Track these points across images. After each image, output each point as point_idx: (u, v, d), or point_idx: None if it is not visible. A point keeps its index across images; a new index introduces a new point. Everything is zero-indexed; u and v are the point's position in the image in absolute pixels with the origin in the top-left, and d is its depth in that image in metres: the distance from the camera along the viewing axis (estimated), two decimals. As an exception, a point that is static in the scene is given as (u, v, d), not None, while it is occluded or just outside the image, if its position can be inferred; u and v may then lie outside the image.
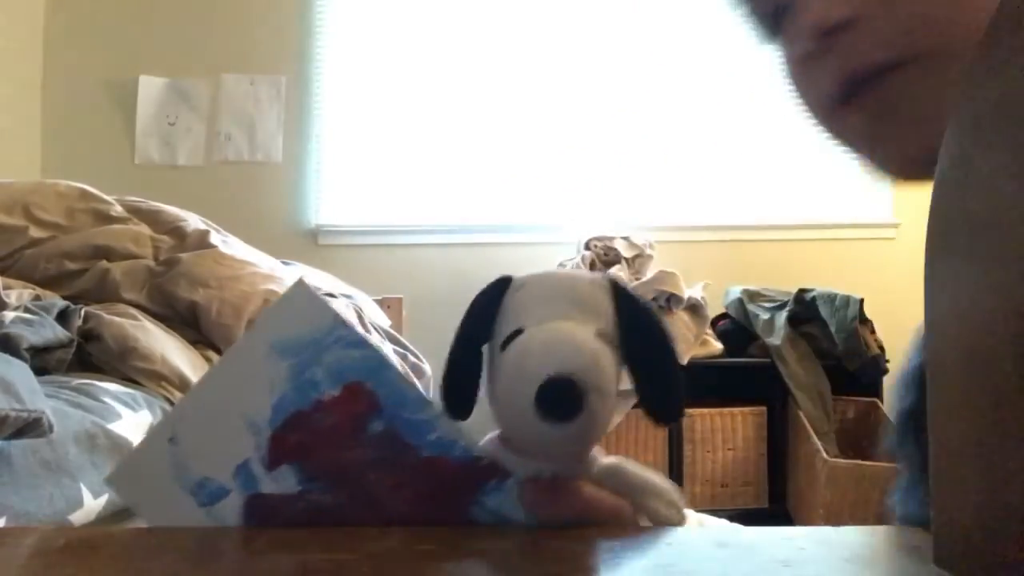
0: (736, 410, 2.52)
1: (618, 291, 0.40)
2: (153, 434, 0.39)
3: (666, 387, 0.39)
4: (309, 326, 0.37)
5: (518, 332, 0.38)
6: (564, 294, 0.39)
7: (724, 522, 0.54)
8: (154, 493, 0.38)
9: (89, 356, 0.96)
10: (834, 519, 2.12)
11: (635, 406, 0.40)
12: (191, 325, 1.13)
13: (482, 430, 0.40)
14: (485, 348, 0.40)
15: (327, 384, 0.37)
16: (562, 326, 0.37)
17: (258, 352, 0.37)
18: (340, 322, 0.38)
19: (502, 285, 0.41)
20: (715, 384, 2.54)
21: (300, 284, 0.38)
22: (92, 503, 0.71)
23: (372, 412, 0.37)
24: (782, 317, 2.59)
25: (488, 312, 0.40)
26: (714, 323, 2.73)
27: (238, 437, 0.37)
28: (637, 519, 0.39)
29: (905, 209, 3.21)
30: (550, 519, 0.37)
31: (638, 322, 0.39)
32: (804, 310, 2.61)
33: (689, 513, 0.41)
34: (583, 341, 0.36)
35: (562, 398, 0.34)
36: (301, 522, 0.37)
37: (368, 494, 0.38)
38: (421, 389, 0.37)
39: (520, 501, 0.37)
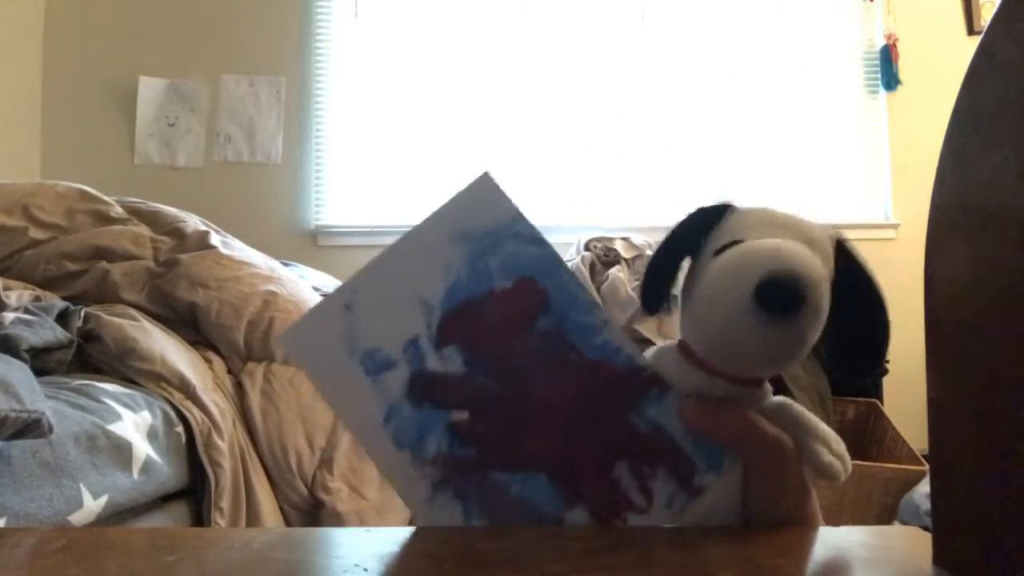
0: (736, 410, 2.51)
1: (844, 245, 0.39)
2: (329, 300, 0.39)
3: (871, 343, 0.38)
4: (490, 217, 0.38)
5: (736, 242, 0.37)
6: (792, 226, 0.38)
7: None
8: (324, 356, 0.38)
9: (89, 357, 0.96)
10: (834, 519, 2.12)
11: (827, 354, 0.39)
12: (191, 326, 1.13)
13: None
14: (687, 262, 0.40)
15: (501, 276, 0.38)
16: (790, 242, 0.36)
17: (438, 235, 0.38)
18: (521, 217, 0.38)
19: (722, 209, 0.41)
20: (715, 384, 2.54)
21: (486, 176, 0.39)
22: (92, 503, 0.71)
23: (541, 309, 0.38)
24: (782, 317, 2.58)
25: (701, 225, 0.40)
26: (714, 324, 2.73)
27: (410, 313, 0.38)
28: (799, 459, 0.38)
29: (905, 209, 3.22)
30: (710, 435, 0.37)
31: (857, 278, 0.38)
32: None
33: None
34: (812, 256, 0.35)
35: (787, 290, 0.33)
36: (462, 403, 0.37)
37: (530, 388, 0.38)
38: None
39: (683, 413, 0.37)
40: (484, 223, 0.39)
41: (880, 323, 0.38)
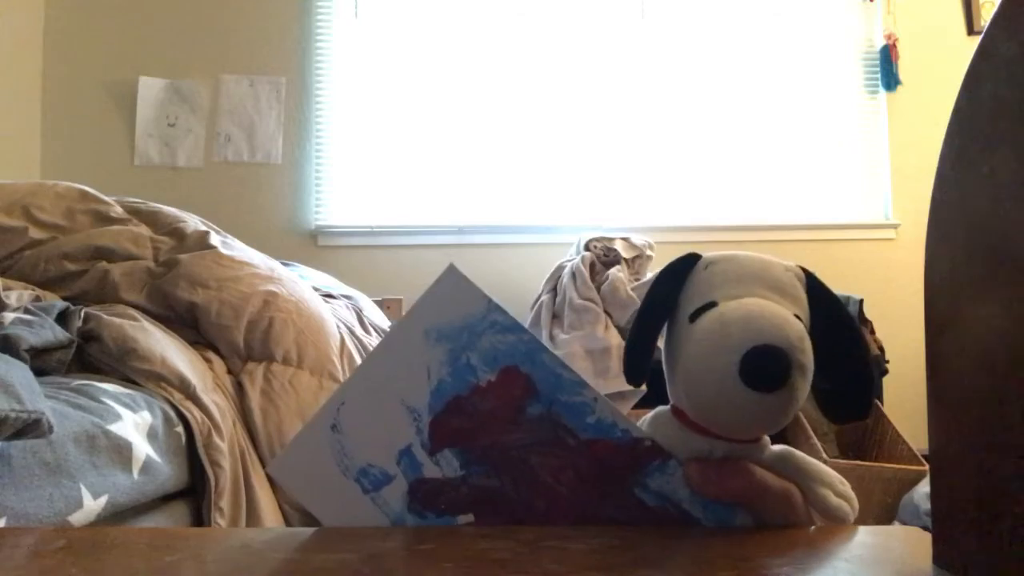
0: (736, 411, 2.51)
1: (812, 281, 0.39)
2: (314, 423, 0.39)
3: (859, 382, 0.38)
4: (463, 311, 0.38)
5: (710, 305, 0.37)
6: (759, 275, 0.38)
7: None
8: (318, 481, 0.38)
9: (89, 357, 0.96)
10: (834, 519, 2.12)
11: (817, 400, 0.39)
12: (191, 326, 1.13)
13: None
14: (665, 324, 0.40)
15: (483, 369, 0.38)
16: (760, 301, 0.36)
17: (414, 338, 0.38)
18: (494, 307, 0.38)
19: (690, 260, 0.40)
20: (715, 385, 2.54)
21: (452, 270, 0.39)
22: (92, 504, 0.71)
23: (529, 396, 0.37)
24: (782, 317, 2.58)
25: (673, 286, 0.39)
26: (714, 324, 2.73)
27: (399, 423, 0.38)
28: (807, 506, 0.38)
29: (905, 209, 3.22)
30: (718, 498, 0.37)
31: (831, 315, 0.38)
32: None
33: None
34: (787, 317, 0.35)
35: (771, 366, 0.33)
36: (465, 506, 0.37)
37: (531, 477, 0.38)
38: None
39: (687, 479, 0.37)
40: (458, 318, 0.38)
41: (861, 355, 0.38)
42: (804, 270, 0.39)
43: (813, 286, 0.39)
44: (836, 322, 0.38)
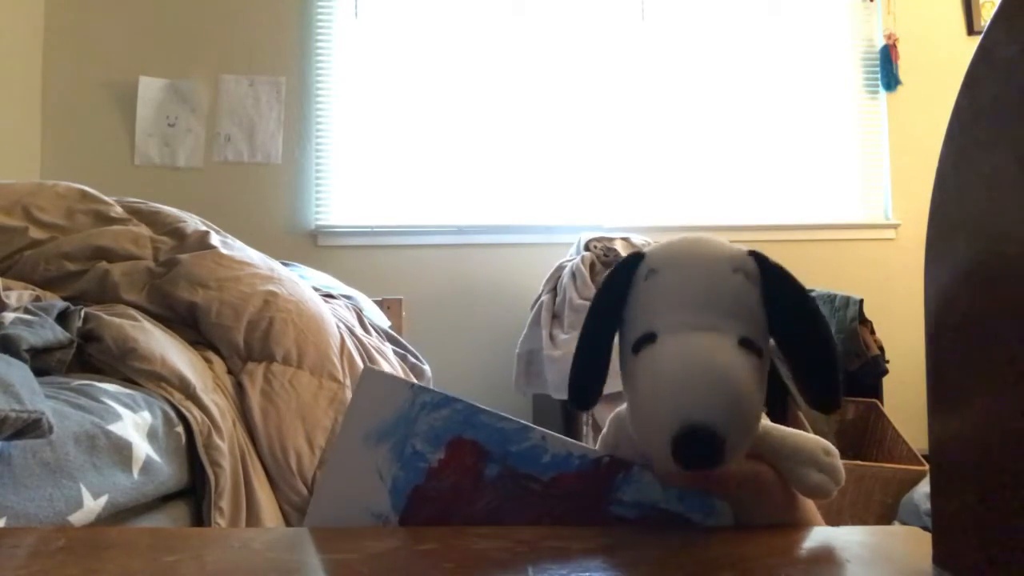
0: (736, 411, 2.51)
1: (767, 274, 0.37)
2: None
3: (823, 371, 0.37)
4: (392, 406, 0.38)
5: (650, 336, 0.35)
6: (702, 295, 0.36)
7: None
8: None
9: (89, 357, 0.96)
10: (834, 519, 2.12)
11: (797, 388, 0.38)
12: (191, 326, 1.13)
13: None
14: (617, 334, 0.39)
15: (430, 450, 0.38)
16: (699, 344, 0.34)
17: (355, 449, 0.38)
18: (418, 389, 0.38)
19: (631, 266, 0.39)
20: (715, 385, 2.54)
21: (368, 372, 0.39)
22: (92, 503, 0.71)
23: (482, 459, 0.38)
24: (782, 317, 2.58)
25: (618, 296, 0.38)
26: (714, 324, 2.73)
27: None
28: (783, 484, 0.38)
29: (905, 209, 3.22)
30: (686, 487, 0.37)
31: (790, 306, 0.36)
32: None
33: None
34: (723, 373, 0.33)
35: (700, 450, 0.32)
36: None
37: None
38: (517, 422, 0.38)
39: (657, 473, 0.37)
40: (389, 413, 0.38)
41: (823, 344, 0.37)
42: (758, 258, 0.37)
43: (769, 279, 0.37)
44: (795, 314, 0.37)
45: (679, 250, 0.38)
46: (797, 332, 0.36)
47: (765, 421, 0.40)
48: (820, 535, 0.35)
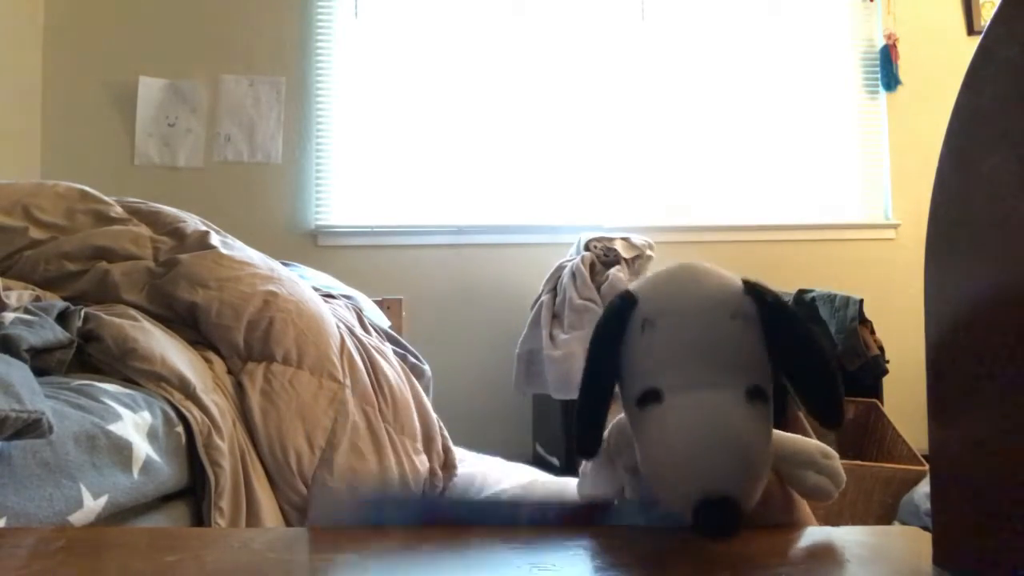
0: (736, 411, 2.51)
1: (764, 307, 0.37)
2: None
3: (827, 398, 0.37)
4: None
5: (655, 393, 0.35)
6: (705, 350, 0.35)
7: None
8: None
9: (89, 357, 0.96)
10: (834, 519, 2.12)
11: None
12: (191, 326, 1.13)
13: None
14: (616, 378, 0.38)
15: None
16: (711, 407, 0.33)
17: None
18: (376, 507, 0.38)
19: (622, 311, 0.37)
20: (715, 385, 2.54)
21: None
22: (92, 503, 0.71)
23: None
24: (782, 317, 2.58)
25: (613, 348, 0.37)
26: (714, 324, 2.73)
27: None
28: (783, 489, 0.38)
29: (905, 209, 3.22)
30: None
31: (788, 335, 0.36)
32: (804, 311, 2.61)
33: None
34: (738, 439, 0.33)
35: (720, 520, 0.32)
36: None
37: None
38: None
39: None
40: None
41: (822, 369, 0.37)
42: (754, 294, 0.37)
43: (767, 317, 0.37)
44: (795, 346, 0.37)
45: (672, 294, 0.37)
46: (799, 363, 0.37)
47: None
48: (820, 535, 0.35)
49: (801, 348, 0.37)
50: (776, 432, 0.39)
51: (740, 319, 0.36)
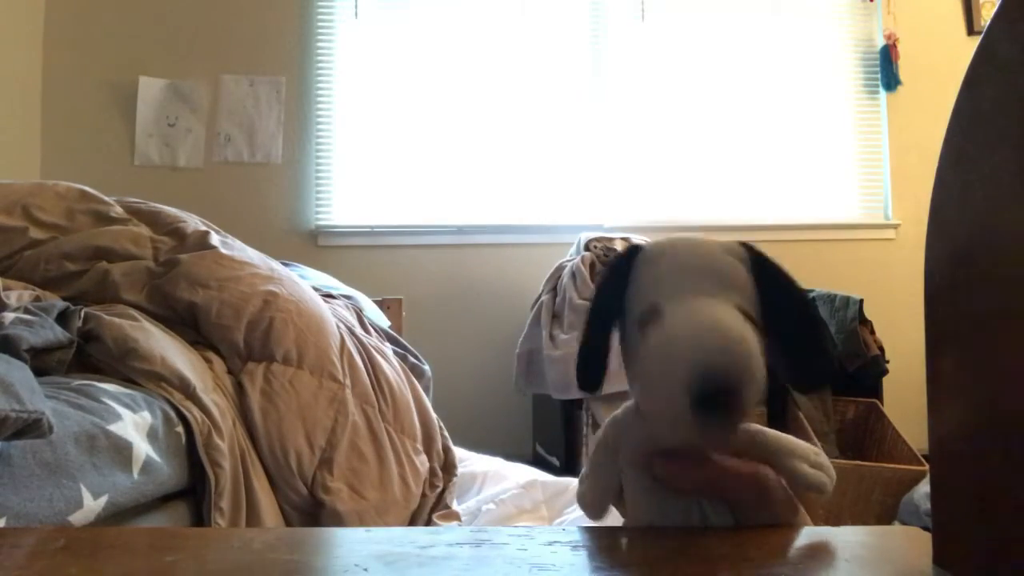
0: (736, 411, 2.51)
1: (756, 258, 0.38)
2: None
3: (814, 352, 0.37)
4: None
5: (655, 309, 0.36)
6: (700, 265, 0.37)
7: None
8: None
9: (89, 357, 0.96)
10: (834, 519, 2.12)
11: (783, 372, 0.38)
12: (191, 326, 1.13)
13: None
14: (617, 323, 0.39)
15: None
16: (703, 306, 0.35)
17: None
18: None
19: (631, 255, 0.39)
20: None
21: None
22: (92, 504, 0.71)
23: None
24: (782, 318, 2.59)
25: (617, 288, 0.39)
26: (714, 324, 2.73)
27: None
28: (783, 482, 0.37)
29: (905, 209, 3.22)
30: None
31: (779, 287, 0.37)
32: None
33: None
34: (732, 326, 0.34)
35: (721, 401, 0.32)
36: None
37: None
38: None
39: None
40: None
41: (812, 322, 0.37)
42: (746, 246, 0.39)
43: (757, 262, 0.38)
44: (783, 294, 0.38)
45: (674, 241, 0.39)
46: (785, 310, 0.37)
47: (756, 424, 0.40)
48: (820, 535, 0.35)
49: (788, 297, 0.37)
50: (773, 431, 0.39)
51: (733, 257, 0.38)
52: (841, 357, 2.51)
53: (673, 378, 0.33)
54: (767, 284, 0.37)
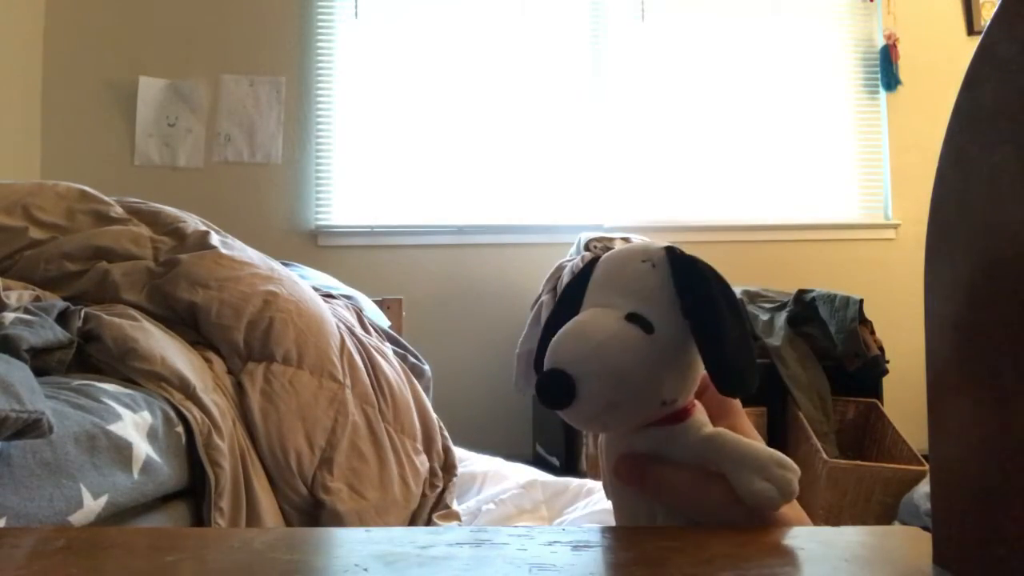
0: (736, 411, 2.51)
1: (677, 264, 0.39)
2: None
3: (727, 359, 0.37)
4: None
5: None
6: (612, 278, 0.39)
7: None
8: None
9: (89, 357, 0.96)
10: (834, 519, 2.12)
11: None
12: (191, 326, 1.13)
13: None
14: None
15: None
16: (586, 315, 0.38)
17: None
18: None
19: (586, 269, 0.42)
20: (715, 385, 2.54)
21: None
22: (92, 503, 0.71)
23: None
24: (782, 318, 2.59)
25: (579, 289, 0.41)
26: (714, 324, 2.73)
27: None
28: (728, 491, 0.37)
29: (905, 209, 3.22)
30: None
31: (697, 294, 0.38)
32: (804, 311, 2.61)
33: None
34: (592, 330, 0.36)
35: (551, 389, 0.35)
36: None
37: None
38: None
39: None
40: None
41: (727, 331, 0.37)
42: (672, 252, 0.39)
43: (678, 268, 0.39)
44: (702, 301, 0.38)
45: (612, 251, 0.41)
46: (699, 315, 0.38)
47: (721, 429, 0.39)
48: (820, 535, 0.35)
49: (703, 302, 0.38)
50: (733, 435, 0.39)
51: (649, 264, 0.39)
52: (841, 357, 2.51)
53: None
54: (686, 287, 0.38)
